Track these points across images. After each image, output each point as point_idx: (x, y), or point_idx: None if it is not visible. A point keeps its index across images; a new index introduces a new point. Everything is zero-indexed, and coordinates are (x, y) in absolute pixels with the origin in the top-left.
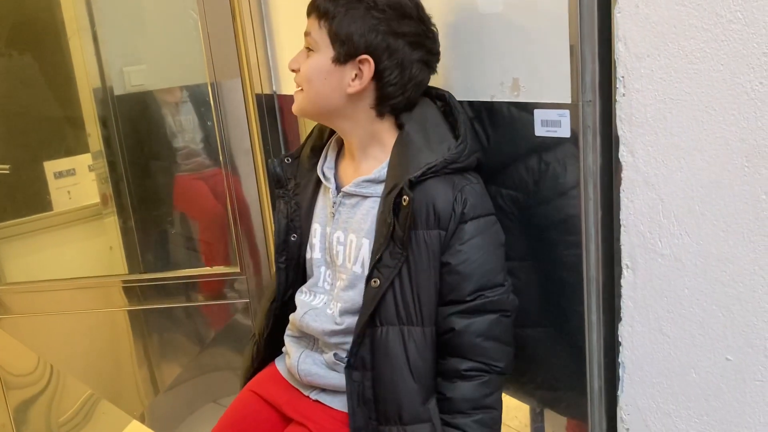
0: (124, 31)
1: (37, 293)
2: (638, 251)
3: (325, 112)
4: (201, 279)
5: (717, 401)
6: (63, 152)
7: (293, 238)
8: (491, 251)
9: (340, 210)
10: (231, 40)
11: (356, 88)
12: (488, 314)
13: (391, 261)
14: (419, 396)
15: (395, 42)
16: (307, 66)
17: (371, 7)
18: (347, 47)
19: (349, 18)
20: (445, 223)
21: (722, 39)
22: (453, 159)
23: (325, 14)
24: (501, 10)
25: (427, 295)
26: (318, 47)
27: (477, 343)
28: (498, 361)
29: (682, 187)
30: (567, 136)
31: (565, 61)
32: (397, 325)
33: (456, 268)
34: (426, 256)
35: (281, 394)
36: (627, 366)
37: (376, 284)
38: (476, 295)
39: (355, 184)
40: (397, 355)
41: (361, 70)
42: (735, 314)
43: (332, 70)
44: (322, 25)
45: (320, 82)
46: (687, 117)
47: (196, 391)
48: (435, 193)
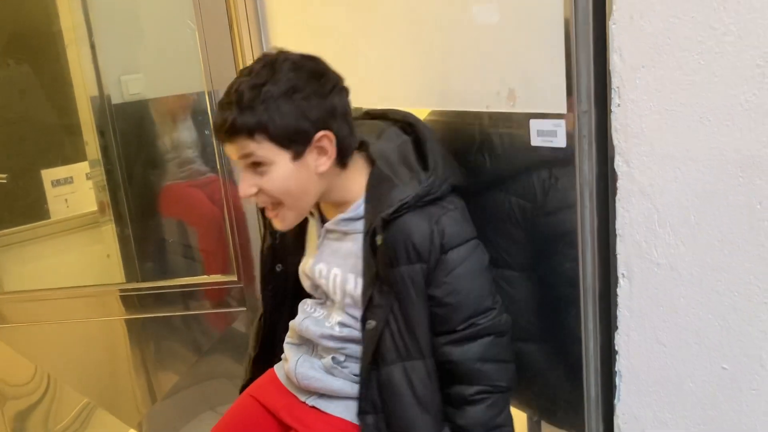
0: (121, 40)
1: (34, 302)
2: (634, 260)
3: (312, 202)
4: (198, 287)
5: (713, 410)
6: (60, 161)
7: (278, 268)
8: (476, 277)
9: (324, 243)
10: (228, 50)
11: (327, 164)
12: (482, 338)
13: (382, 299)
14: (433, 428)
15: (329, 102)
16: (273, 182)
17: (292, 92)
18: (300, 140)
19: (282, 115)
20: (426, 256)
21: (716, 51)
22: (425, 192)
23: (255, 128)
24: (497, 21)
25: (421, 327)
26: (269, 159)
27: (477, 368)
28: (500, 381)
29: (677, 197)
30: (563, 146)
31: (561, 71)
32: (399, 362)
33: (444, 300)
34: (413, 290)
35: (279, 399)
36: (624, 375)
37: (371, 326)
38: (468, 323)
39: (335, 222)
40: (405, 393)
41: (322, 147)
42: (731, 323)
43: (297, 168)
44: (259, 139)
45: (297, 186)
46: (682, 127)
47: (194, 399)
48: (411, 228)
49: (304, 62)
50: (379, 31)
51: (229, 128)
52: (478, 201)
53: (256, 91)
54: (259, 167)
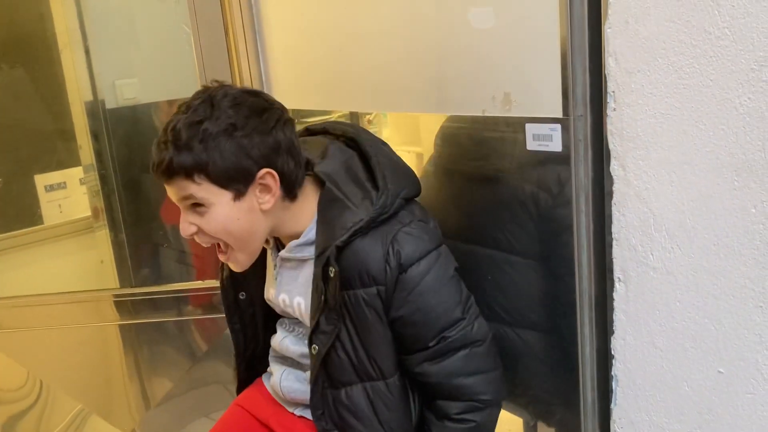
0: (116, 44)
1: (27, 308)
2: (630, 264)
3: (262, 239)
4: (192, 293)
5: (709, 414)
6: (54, 165)
7: (242, 296)
8: (440, 289)
9: (281, 272)
10: (223, 55)
11: (272, 201)
12: (457, 352)
13: (327, 326)
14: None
15: (271, 138)
16: (213, 223)
17: (233, 130)
18: (241, 179)
19: (222, 155)
20: (381, 279)
21: (711, 55)
22: (378, 214)
23: (193, 169)
24: (493, 25)
25: (381, 349)
26: (209, 199)
27: (458, 384)
28: (484, 393)
29: (672, 201)
30: (558, 150)
31: (557, 75)
32: (360, 383)
33: (410, 319)
34: (369, 313)
35: (267, 408)
36: (620, 379)
37: (315, 350)
38: (439, 338)
39: (289, 250)
40: (366, 414)
41: (265, 184)
42: (726, 327)
43: (238, 207)
44: (198, 180)
45: (238, 227)
46: (677, 131)
47: (188, 405)
48: (365, 253)
49: (244, 98)
50: (375, 36)
51: (166, 169)
52: (473, 205)
53: (194, 129)
54: (199, 207)
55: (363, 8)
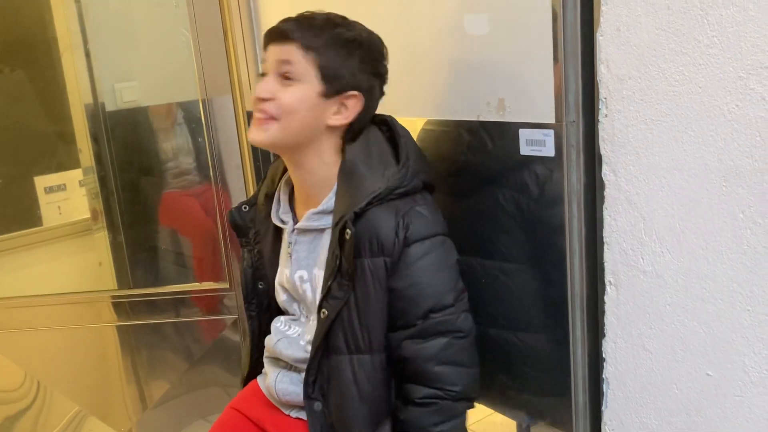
0: (116, 47)
1: (26, 308)
2: (621, 268)
3: (299, 144)
4: (190, 295)
5: (698, 416)
6: (54, 167)
7: (261, 286)
8: (438, 272)
9: (296, 249)
10: (222, 58)
11: (340, 122)
12: (438, 337)
13: (339, 292)
14: (369, 421)
15: (374, 81)
16: (292, 97)
17: (357, 47)
18: (337, 84)
19: (337, 55)
20: (389, 250)
21: (700, 63)
22: (396, 185)
23: (311, 47)
24: (487, 31)
25: (374, 322)
26: (303, 78)
27: (428, 369)
28: (453, 386)
29: (663, 206)
30: (551, 155)
31: (550, 82)
32: (347, 354)
33: (403, 292)
34: (372, 283)
35: (263, 411)
36: (611, 381)
37: (325, 315)
38: (424, 318)
39: (306, 219)
40: (348, 384)
41: (345, 105)
42: (715, 330)
43: (318, 103)
44: (309, 58)
45: (304, 113)
46: (667, 137)
47: (185, 407)
48: (378, 221)
49: (378, 41)
50: None
51: (287, 31)
52: (467, 208)
53: (330, 24)
54: (288, 80)
55: (359, 15)
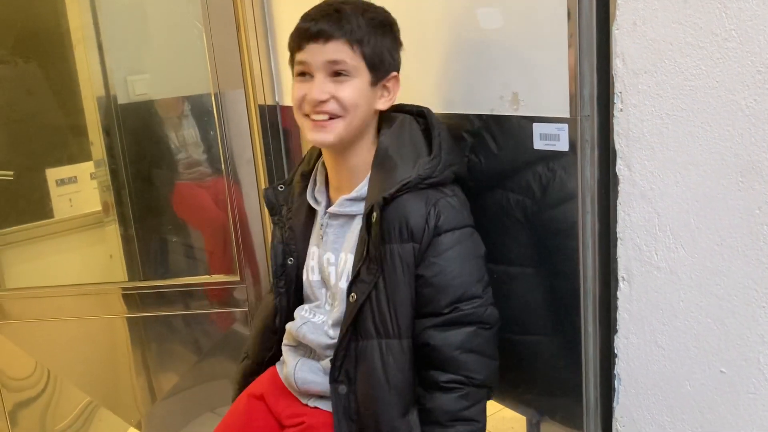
0: (128, 40)
1: (37, 299)
2: (634, 264)
3: (356, 134)
4: (201, 287)
5: (711, 414)
6: (65, 160)
7: (290, 261)
8: (467, 262)
9: (327, 231)
10: (235, 51)
11: (386, 105)
12: (465, 327)
13: (367, 276)
14: (397, 409)
15: (400, 57)
16: (352, 93)
17: (389, 28)
18: (382, 69)
19: (377, 42)
20: (419, 237)
21: (717, 57)
22: (427, 174)
23: (357, 40)
24: (501, 25)
25: (403, 308)
26: (356, 72)
27: (455, 357)
28: (477, 374)
29: (677, 201)
30: (565, 149)
31: (564, 76)
32: (375, 339)
33: (431, 280)
34: (400, 269)
35: (279, 399)
36: (623, 378)
37: (354, 299)
38: (452, 307)
39: (339, 204)
40: (376, 369)
41: (387, 87)
42: (729, 327)
43: (370, 92)
44: (356, 51)
45: (363, 106)
46: (683, 132)
47: (194, 400)
48: (408, 208)
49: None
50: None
51: (331, 29)
52: (480, 202)
53: (359, 10)
54: (340, 77)
55: None
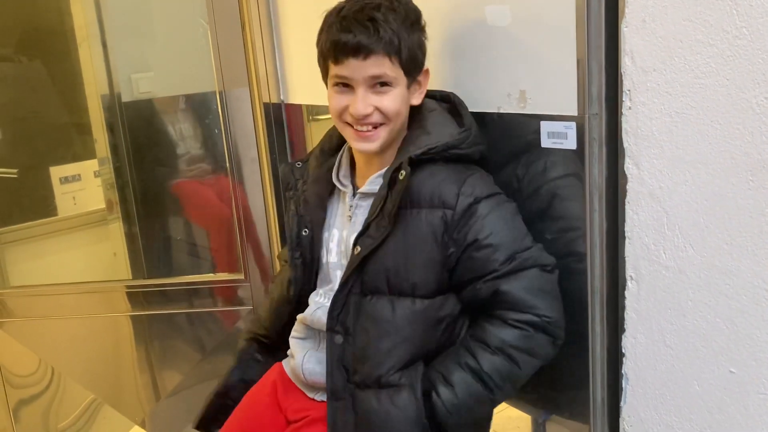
0: (133, 38)
1: (41, 297)
2: (642, 263)
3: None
4: (205, 285)
5: (720, 414)
6: (69, 158)
7: (305, 232)
8: (510, 221)
9: (356, 213)
10: (240, 49)
11: (419, 99)
12: (527, 270)
13: (376, 232)
14: (402, 362)
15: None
16: (395, 103)
17: (417, 23)
18: (417, 68)
19: (408, 42)
20: (451, 204)
21: (728, 54)
22: (455, 144)
23: (394, 49)
24: (509, 23)
25: (420, 271)
26: (396, 82)
27: (525, 297)
28: (549, 312)
29: (686, 200)
30: (573, 148)
31: (572, 73)
32: (387, 296)
33: (484, 242)
34: (427, 232)
35: (287, 395)
36: (630, 377)
37: (357, 251)
38: (509, 259)
39: (369, 183)
40: (385, 319)
41: (420, 81)
42: (738, 327)
43: (405, 94)
44: (395, 61)
45: (404, 111)
46: (692, 131)
47: (198, 398)
48: (440, 179)
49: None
50: None
51: (369, 43)
52: None
53: (389, 12)
54: (381, 87)
55: None
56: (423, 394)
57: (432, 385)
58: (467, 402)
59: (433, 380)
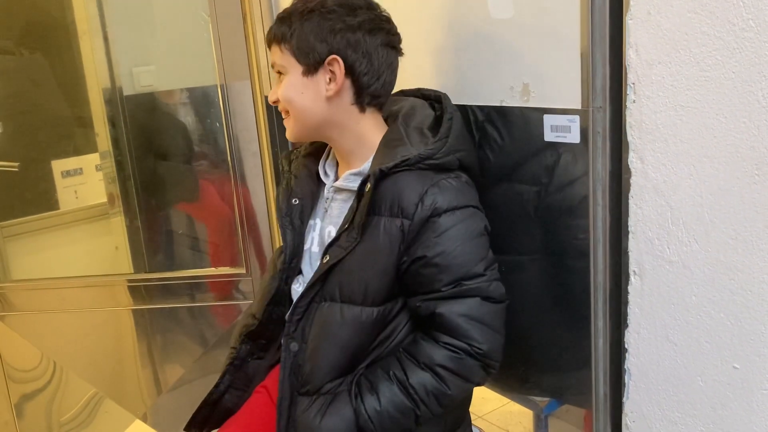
0: (134, 31)
1: (43, 291)
2: (646, 258)
3: (314, 126)
4: (206, 279)
5: (723, 410)
6: (71, 151)
7: (295, 201)
8: (468, 242)
9: (332, 205)
10: (241, 42)
11: (333, 90)
12: (469, 298)
13: (345, 242)
14: (345, 371)
15: (354, 35)
16: (283, 89)
17: (322, 12)
18: (312, 56)
19: (304, 30)
20: (409, 213)
21: (734, 47)
22: (428, 155)
23: (282, 38)
24: (512, 15)
25: (374, 278)
26: (287, 69)
27: (460, 324)
28: (481, 344)
29: (691, 195)
30: (576, 141)
31: (576, 66)
32: (338, 303)
33: (432, 260)
34: (384, 241)
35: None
36: (633, 373)
37: (326, 260)
38: (453, 285)
39: (344, 179)
40: (333, 329)
41: (333, 72)
42: (743, 322)
43: (306, 83)
44: (284, 49)
45: (299, 98)
46: (697, 124)
47: (199, 392)
48: (404, 184)
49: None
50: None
51: (268, 36)
52: (489, 195)
53: (300, 6)
54: (281, 76)
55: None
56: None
57: (358, 391)
58: (390, 411)
59: (360, 386)
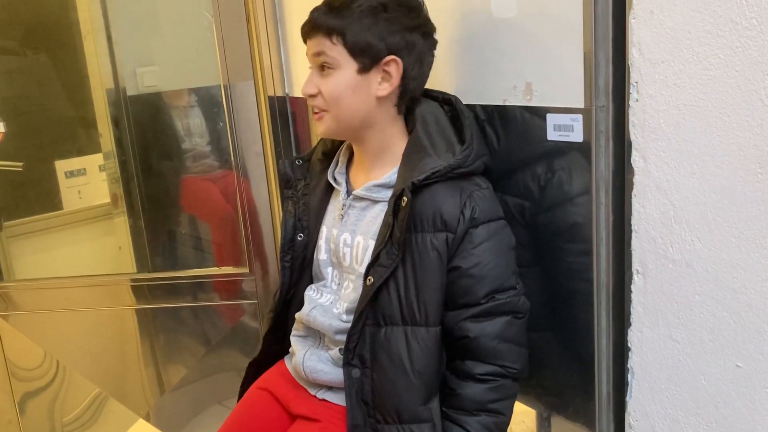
0: (138, 32)
1: (46, 290)
2: (649, 257)
3: (355, 125)
4: (209, 279)
5: (726, 408)
6: (75, 152)
7: (300, 237)
8: (502, 254)
9: (349, 213)
10: (245, 42)
11: (387, 90)
12: (501, 317)
13: (387, 260)
14: (421, 395)
15: (411, 36)
16: (332, 86)
17: (381, 10)
18: (370, 55)
19: (362, 27)
20: (453, 227)
21: (737, 45)
22: (458, 164)
23: (334, 30)
24: (515, 14)
25: (432, 295)
26: (338, 63)
27: (493, 347)
28: (514, 363)
29: (694, 193)
30: (579, 140)
31: (579, 65)
32: (401, 326)
33: (468, 271)
34: (434, 257)
35: (289, 391)
36: (636, 372)
37: (370, 282)
38: (489, 297)
39: (366, 189)
40: (401, 355)
41: (387, 72)
42: (746, 321)
43: (359, 82)
44: (336, 41)
45: (350, 97)
46: (700, 123)
47: (202, 391)
48: (442, 197)
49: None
50: None
51: (312, 24)
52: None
53: (357, 1)
54: (326, 69)
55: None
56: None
57: None
58: None
59: None
